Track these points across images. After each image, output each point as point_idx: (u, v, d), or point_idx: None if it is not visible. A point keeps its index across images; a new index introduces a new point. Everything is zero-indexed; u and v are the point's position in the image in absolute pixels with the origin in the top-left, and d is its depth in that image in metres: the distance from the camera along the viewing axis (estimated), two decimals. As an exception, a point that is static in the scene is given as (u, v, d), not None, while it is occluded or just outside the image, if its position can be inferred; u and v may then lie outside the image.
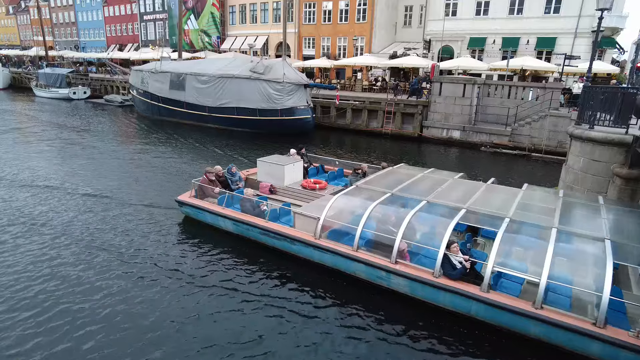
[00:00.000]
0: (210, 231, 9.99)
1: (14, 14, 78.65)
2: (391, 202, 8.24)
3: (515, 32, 29.17)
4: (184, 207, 10.57)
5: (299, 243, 8.38)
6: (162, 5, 50.82)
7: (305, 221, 8.42)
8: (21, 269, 8.04)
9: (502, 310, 6.26)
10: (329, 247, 7.95)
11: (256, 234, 9.13)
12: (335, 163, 13.86)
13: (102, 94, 41.64)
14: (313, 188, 11.13)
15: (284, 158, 12.26)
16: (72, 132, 23.81)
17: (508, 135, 20.80)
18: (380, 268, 7.36)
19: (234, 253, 9.04)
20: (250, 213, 9.28)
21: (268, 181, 11.54)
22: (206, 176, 10.62)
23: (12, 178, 14.06)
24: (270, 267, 8.45)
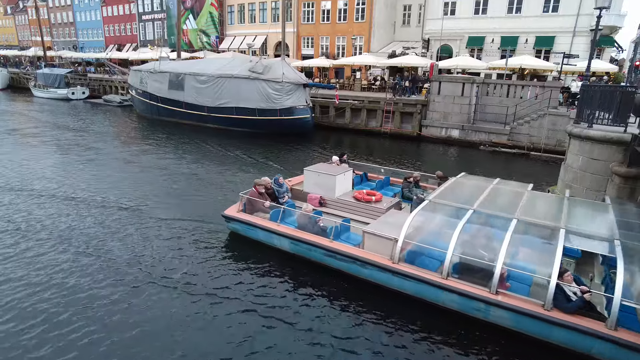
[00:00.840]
0: (260, 249, 9.12)
1: (12, 14, 78.48)
2: (477, 220, 7.32)
3: (513, 31, 29.20)
4: (232, 223, 9.65)
5: (372, 267, 7.45)
6: (161, 5, 50.75)
7: (378, 242, 7.52)
8: (62, 291, 7.39)
9: (636, 353, 5.45)
10: (411, 273, 7.03)
11: (319, 255, 8.24)
12: (380, 171, 13.00)
13: (100, 94, 41.60)
14: (368, 200, 10.13)
15: (332, 167, 11.38)
16: (75, 134, 23.78)
17: (507, 134, 20.83)
18: (478, 299, 6.47)
19: (292, 275, 8.20)
20: (310, 230, 8.43)
21: (316, 192, 10.60)
22: (255, 189, 9.69)
23: (36, 188, 12.98)
24: (337, 293, 7.59)
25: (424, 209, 7.67)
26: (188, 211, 11.38)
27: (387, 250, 7.35)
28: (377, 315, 6.97)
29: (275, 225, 8.81)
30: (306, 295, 7.52)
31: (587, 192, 10.51)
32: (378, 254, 7.42)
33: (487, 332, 6.49)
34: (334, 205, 10.35)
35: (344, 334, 6.47)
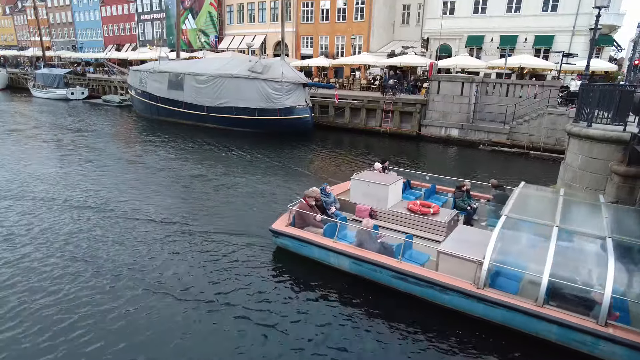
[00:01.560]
0: (312, 267, 8.34)
1: (11, 14, 78.39)
2: (566, 239, 6.55)
3: (513, 30, 29.21)
4: (281, 239, 8.83)
5: (452, 292, 6.66)
6: (160, 5, 50.72)
7: (457, 263, 6.77)
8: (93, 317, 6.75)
9: None
10: (500, 300, 6.25)
11: (386, 277, 7.42)
12: (425, 178, 12.09)
13: (100, 94, 41.55)
14: (425, 213, 9.27)
15: (381, 176, 10.64)
16: (76, 135, 23.74)
17: (506, 133, 20.85)
18: (585, 331, 5.73)
19: (354, 298, 7.39)
20: (371, 248, 7.63)
21: (365, 203, 9.77)
22: (305, 201, 8.87)
23: (50, 196, 12.24)
24: (411, 320, 6.77)
25: (504, 227, 6.79)
26: (219, 221, 10.61)
27: (468, 273, 6.57)
28: (462, 346, 6.24)
29: (332, 242, 8.04)
30: (376, 323, 6.72)
31: (587, 191, 10.53)
32: (456, 277, 6.65)
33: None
34: (386, 218, 9.56)
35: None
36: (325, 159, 18.84)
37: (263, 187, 13.90)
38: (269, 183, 14.41)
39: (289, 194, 12.85)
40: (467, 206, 9.86)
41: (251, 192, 13.32)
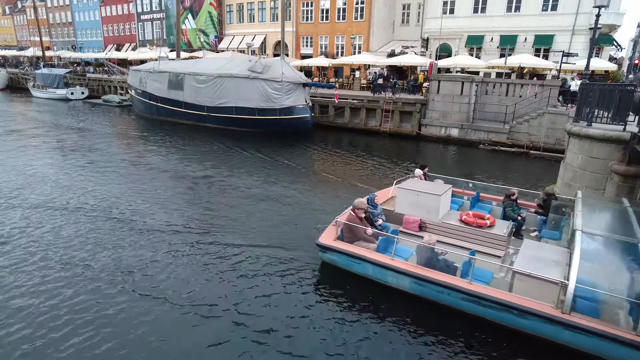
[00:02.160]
0: (362, 285, 7.62)
1: (11, 14, 78.37)
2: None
3: (512, 29, 29.21)
4: (329, 254, 8.10)
5: (533, 317, 6.04)
6: (160, 4, 50.70)
7: (535, 285, 6.16)
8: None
9: None
10: (591, 327, 5.62)
11: (453, 299, 6.74)
12: (469, 185, 11.29)
13: (100, 94, 41.55)
14: (481, 225, 8.55)
15: (426, 183, 10.02)
16: (77, 135, 23.73)
17: (506, 133, 20.85)
18: None
19: (418, 322, 6.71)
20: (435, 267, 7.00)
21: (413, 214, 9.07)
22: (355, 213, 8.23)
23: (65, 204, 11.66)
24: (487, 348, 6.18)
25: (582, 244, 6.19)
26: (247, 232, 9.93)
27: (547, 295, 6.00)
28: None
29: (389, 259, 7.33)
30: (447, 348, 6.13)
31: (587, 191, 10.53)
32: (533, 299, 6.08)
33: None
34: (437, 230, 8.82)
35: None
36: (326, 157, 18.83)
37: (282, 191, 13.39)
38: (289, 187, 13.88)
39: (314, 201, 12.49)
40: (518, 216, 9.29)
41: (271, 197, 12.73)
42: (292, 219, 11.03)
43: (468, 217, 8.79)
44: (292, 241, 9.48)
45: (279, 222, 10.74)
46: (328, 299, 7.32)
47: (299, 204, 12.27)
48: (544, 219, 9.22)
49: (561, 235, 8.61)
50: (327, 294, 7.51)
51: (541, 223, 9.27)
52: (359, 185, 14.36)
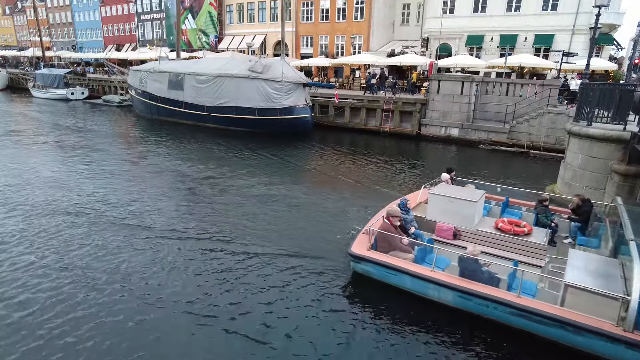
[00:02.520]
0: (401, 298, 7.21)
1: (11, 15, 78.38)
2: None
3: (512, 29, 29.21)
4: (362, 264, 7.64)
5: (590, 335, 5.63)
6: (160, 4, 50.70)
7: (590, 299, 5.78)
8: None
9: None
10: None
11: (501, 314, 6.36)
12: (496, 190, 10.76)
13: (100, 94, 41.56)
14: (518, 233, 8.16)
15: (458, 189, 9.65)
16: (78, 135, 23.70)
17: (506, 132, 20.85)
18: None
19: (467, 338, 6.34)
20: (480, 280, 6.59)
21: (445, 221, 8.72)
22: (390, 221, 7.77)
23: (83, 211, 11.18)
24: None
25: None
26: (266, 237, 9.55)
27: (605, 311, 5.61)
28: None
29: (430, 271, 6.92)
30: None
31: (587, 190, 10.55)
32: (589, 315, 5.69)
33: None
34: (472, 239, 8.41)
35: None
36: (325, 156, 18.84)
37: (293, 193, 13.13)
38: (298, 190, 13.64)
39: (328, 204, 12.14)
40: (551, 222, 8.92)
41: (283, 200, 12.46)
42: (311, 224, 10.65)
43: (504, 225, 8.39)
44: (316, 249, 9.01)
45: (300, 228, 10.38)
46: (364, 313, 6.93)
47: (314, 207, 11.94)
48: (579, 226, 8.85)
49: (600, 244, 8.25)
50: (362, 307, 7.10)
51: (575, 230, 8.88)
52: (374, 187, 14.30)
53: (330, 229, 10.22)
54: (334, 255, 8.64)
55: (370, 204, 11.63)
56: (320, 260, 8.52)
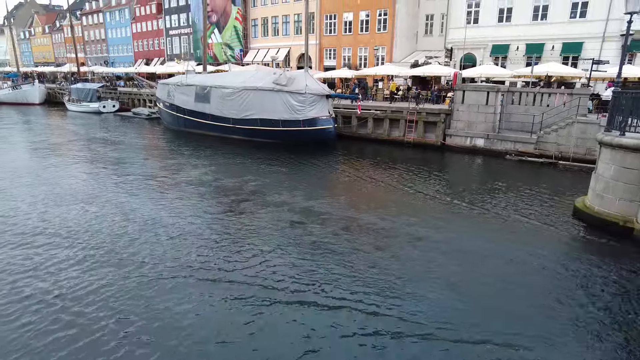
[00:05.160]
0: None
1: (50, 33, 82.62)
2: None
3: (539, 38, 28.72)
4: None
5: None
6: (187, 20, 52.41)
7: None
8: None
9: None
10: None
11: None
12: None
13: (130, 107, 43.08)
14: None
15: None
16: (116, 148, 24.58)
17: (533, 143, 20.39)
18: None
19: None
20: None
21: None
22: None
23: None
24: None
25: None
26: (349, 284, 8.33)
27: None
28: None
29: None
30: None
31: (620, 203, 10.20)
32: None
33: None
34: None
35: None
36: (349, 168, 18.88)
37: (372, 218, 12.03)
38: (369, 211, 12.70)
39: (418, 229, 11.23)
40: None
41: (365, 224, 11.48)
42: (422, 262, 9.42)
43: None
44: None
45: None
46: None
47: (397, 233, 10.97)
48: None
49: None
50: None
51: None
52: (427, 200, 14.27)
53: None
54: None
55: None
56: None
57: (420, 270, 8.94)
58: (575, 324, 7.15)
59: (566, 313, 7.46)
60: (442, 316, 7.19)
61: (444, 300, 7.71)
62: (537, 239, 10.79)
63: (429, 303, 7.59)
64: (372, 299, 7.68)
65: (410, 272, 8.82)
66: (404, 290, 8.03)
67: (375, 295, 7.81)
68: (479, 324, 7.06)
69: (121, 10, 63.90)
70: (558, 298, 7.97)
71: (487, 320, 7.18)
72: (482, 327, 6.94)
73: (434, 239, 10.57)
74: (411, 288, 8.09)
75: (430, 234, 10.92)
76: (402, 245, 10.21)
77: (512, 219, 12.28)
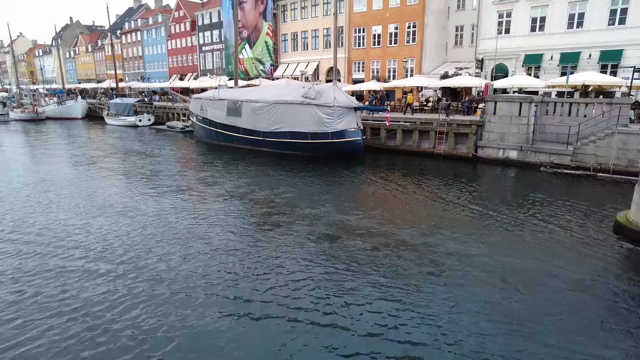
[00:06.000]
0: None
1: (92, 52, 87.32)
2: None
3: (575, 46, 27.88)
4: None
5: None
6: (219, 36, 54.14)
7: None
8: None
9: None
10: None
11: None
12: None
13: (164, 120, 44.64)
14: None
15: None
16: (156, 161, 25.53)
17: (570, 154, 19.70)
18: None
19: None
20: None
21: None
22: None
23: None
24: None
25: None
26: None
27: None
28: None
29: None
30: None
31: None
32: None
33: None
34: None
35: None
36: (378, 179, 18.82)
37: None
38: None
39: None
40: None
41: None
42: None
43: None
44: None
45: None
46: None
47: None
48: None
49: None
50: None
51: None
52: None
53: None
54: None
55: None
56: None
57: (463, 292, 8.60)
58: (626, 353, 6.79)
59: (615, 341, 7.08)
60: (487, 343, 6.93)
61: (488, 326, 7.40)
62: (578, 256, 10.40)
63: (473, 329, 7.32)
64: (414, 324, 7.41)
65: (453, 293, 8.49)
66: (446, 315, 7.74)
67: (417, 320, 7.54)
68: (525, 349, 6.77)
69: (157, 28, 66.76)
70: (605, 320, 7.61)
71: (535, 346, 6.88)
72: (528, 354, 6.67)
73: (473, 256, 10.33)
74: (455, 313, 7.80)
75: (469, 250, 10.68)
76: (440, 263, 9.93)
77: (551, 234, 11.88)
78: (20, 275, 9.28)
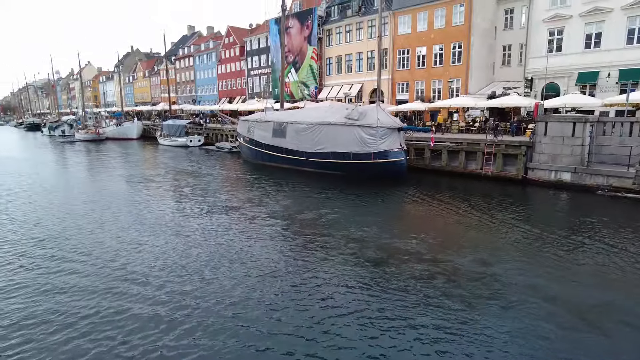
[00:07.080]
0: None
1: (148, 77, 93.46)
2: None
3: (635, 62, 26.36)
4: None
5: None
6: (267, 61, 56.25)
7: None
8: None
9: None
10: None
11: None
12: None
13: (213, 141, 46.59)
14: None
15: None
16: (205, 181, 26.74)
17: (631, 177, 18.46)
18: None
19: None
20: None
21: None
22: None
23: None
24: None
25: None
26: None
27: None
28: None
29: None
30: None
31: None
32: None
33: None
34: None
35: None
36: (421, 199, 18.52)
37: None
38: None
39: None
40: None
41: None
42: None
43: None
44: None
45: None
46: None
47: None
48: None
49: None
50: None
51: None
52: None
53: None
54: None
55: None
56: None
57: (529, 331, 7.92)
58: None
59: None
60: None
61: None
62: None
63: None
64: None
65: (518, 332, 7.87)
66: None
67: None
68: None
69: (209, 54, 70.47)
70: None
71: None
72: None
73: (533, 287, 9.71)
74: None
75: (529, 281, 10.05)
76: (502, 294, 9.35)
77: (615, 263, 11.12)
78: (77, 290, 9.94)
